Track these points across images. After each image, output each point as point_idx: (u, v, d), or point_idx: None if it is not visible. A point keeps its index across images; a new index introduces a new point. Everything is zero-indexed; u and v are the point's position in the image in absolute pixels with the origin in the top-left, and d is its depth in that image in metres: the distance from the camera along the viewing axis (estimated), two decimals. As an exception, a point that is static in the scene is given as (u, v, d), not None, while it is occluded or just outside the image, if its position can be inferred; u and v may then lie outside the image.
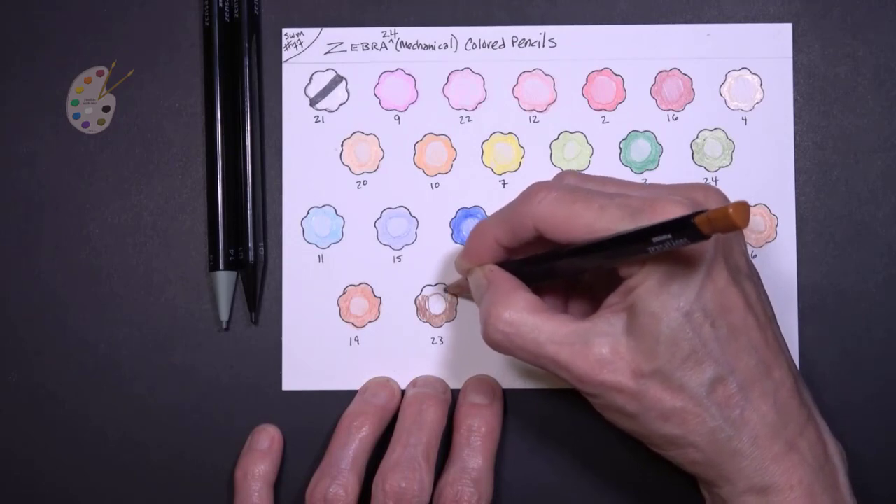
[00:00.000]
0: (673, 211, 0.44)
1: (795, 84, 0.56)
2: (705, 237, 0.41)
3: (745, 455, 0.46)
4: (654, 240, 0.42)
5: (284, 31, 0.57)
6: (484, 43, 0.56)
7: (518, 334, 0.47)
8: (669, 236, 0.42)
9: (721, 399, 0.45)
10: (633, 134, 0.56)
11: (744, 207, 0.39)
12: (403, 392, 0.55)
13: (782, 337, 0.49)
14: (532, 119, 0.56)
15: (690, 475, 0.48)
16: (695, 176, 0.56)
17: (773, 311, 0.49)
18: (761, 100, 0.56)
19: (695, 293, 0.45)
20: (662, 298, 0.45)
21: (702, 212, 0.41)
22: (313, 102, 0.57)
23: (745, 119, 0.56)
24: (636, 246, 0.44)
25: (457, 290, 0.55)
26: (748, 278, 0.47)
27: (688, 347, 0.45)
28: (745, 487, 0.46)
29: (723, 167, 0.56)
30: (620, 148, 0.56)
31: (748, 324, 0.46)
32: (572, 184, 0.49)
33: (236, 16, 0.56)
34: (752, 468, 0.46)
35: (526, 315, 0.47)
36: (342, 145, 0.56)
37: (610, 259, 0.46)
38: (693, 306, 0.45)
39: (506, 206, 0.49)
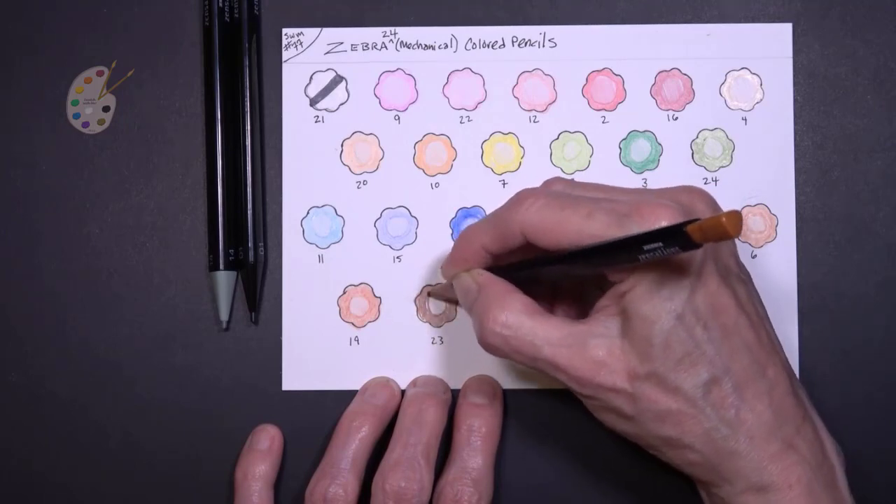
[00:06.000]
0: (660, 214, 0.44)
1: (795, 84, 0.56)
2: (697, 246, 0.41)
3: (743, 455, 0.46)
4: (646, 248, 0.42)
5: (284, 31, 0.57)
6: (484, 43, 0.56)
7: (515, 336, 0.47)
8: (661, 244, 0.42)
9: (716, 400, 0.45)
10: (633, 134, 0.56)
11: (736, 216, 0.39)
12: (403, 392, 0.55)
13: (776, 336, 0.49)
14: (532, 119, 0.56)
15: (689, 476, 0.48)
16: (695, 176, 0.56)
17: (765, 310, 0.49)
18: (761, 100, 0.56)
19: (686, 296, 0.45)
20: (654, 302, 0.45)
21: (693, 220, 0.40)
22: (313, 102, 0.57)
23: (745, 119, 0.56)
24: (627, 254, 0.44)
25: (441, 295, 0.55)
26: (738, 279, 0.47)
27: (681, 350, 0.45)
28: (744, 487, 0.46)
29: (723, 167, 0.56)
30: (620, 148, 0.56)
31: (740, 324, 0.46)
32: (560, 190, 0.49)
33: (236, 16, 0.56)
34: (750, 468, 0.46)
35: (523, 317, 0.47)
36: (342, 145, 0.56)
37: (600, 266, 0.46)
38: (684, 309, 0.45)
39: (493, 213, 0.49)
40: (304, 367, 0.56)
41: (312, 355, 0.56)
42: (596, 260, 0.45)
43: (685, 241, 0.41)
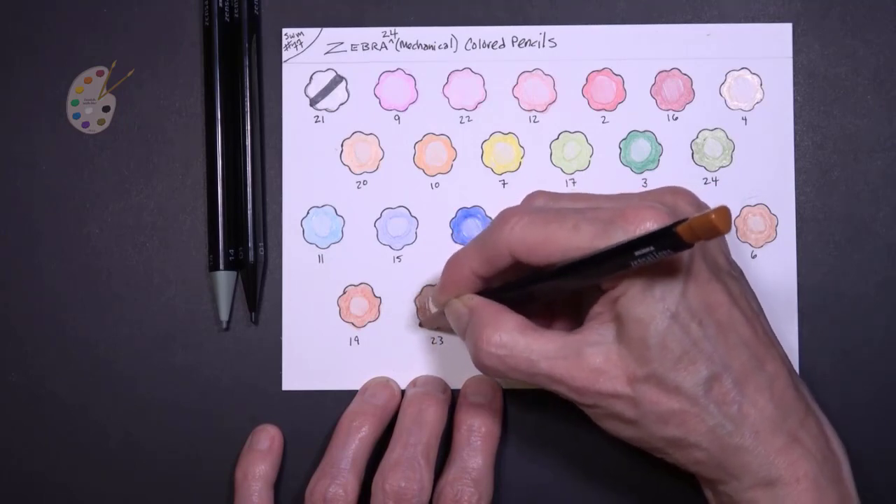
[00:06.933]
0: (645, 216, 0.44)
1: (795, 84, 0.56)
2: (688, 245, 0.41)
3: (749, 450, 0.46)
4: (637, 253, 0.42)
5: (284, 31, 0.57)
6: (484, 43, 0.56)
7: (511, 355, 0.47)
8: (652, 248, 0.42)
9: (718, 396, 0.45)
10: (633, 134, 0.56)
11: (725, 212, 0.39)
12: (403, 392, 0.55)
13: (772, 331, 0.49)
14: (532, 119, 0.56)
15: (691, 475, 0.48)
16: (695, 176, 0.56)
17: (759, 306, 0.49)
18: (761, 100, 0.56)
19: (678, 294, 0.45)
20: (647, 304, 0.45)
21: (683, 221, 0.41)
22: (313, 102, 0.57)
23: (745, 119, 0.56)
24: (618, 261, 0.43)
25: (433, 324, 0.55)
26: (729, 275, 0.47)
27: (679, 349, 0.45)
28: (752, 482, 0.46)
29: (723, 167, 0.56)
30: (620, 148, 0.56)
31: (735, 318, 0.46)
32: (543, 205, 0.49)
33: (236, 16, 0.56)
34: (757, 463, 0.46)
35: (516, 335, 0.47)
36: (342, 145, 0.56)
37: (592, 277, 0.46)
38: (678, 307, 0.45)
39: (479, 236, 0.49)
40: (304, 367, 0.56)
41: (312, 355, 0.56)
42: (588, 271, 0.45)
43: (676, 242, 0.41)
